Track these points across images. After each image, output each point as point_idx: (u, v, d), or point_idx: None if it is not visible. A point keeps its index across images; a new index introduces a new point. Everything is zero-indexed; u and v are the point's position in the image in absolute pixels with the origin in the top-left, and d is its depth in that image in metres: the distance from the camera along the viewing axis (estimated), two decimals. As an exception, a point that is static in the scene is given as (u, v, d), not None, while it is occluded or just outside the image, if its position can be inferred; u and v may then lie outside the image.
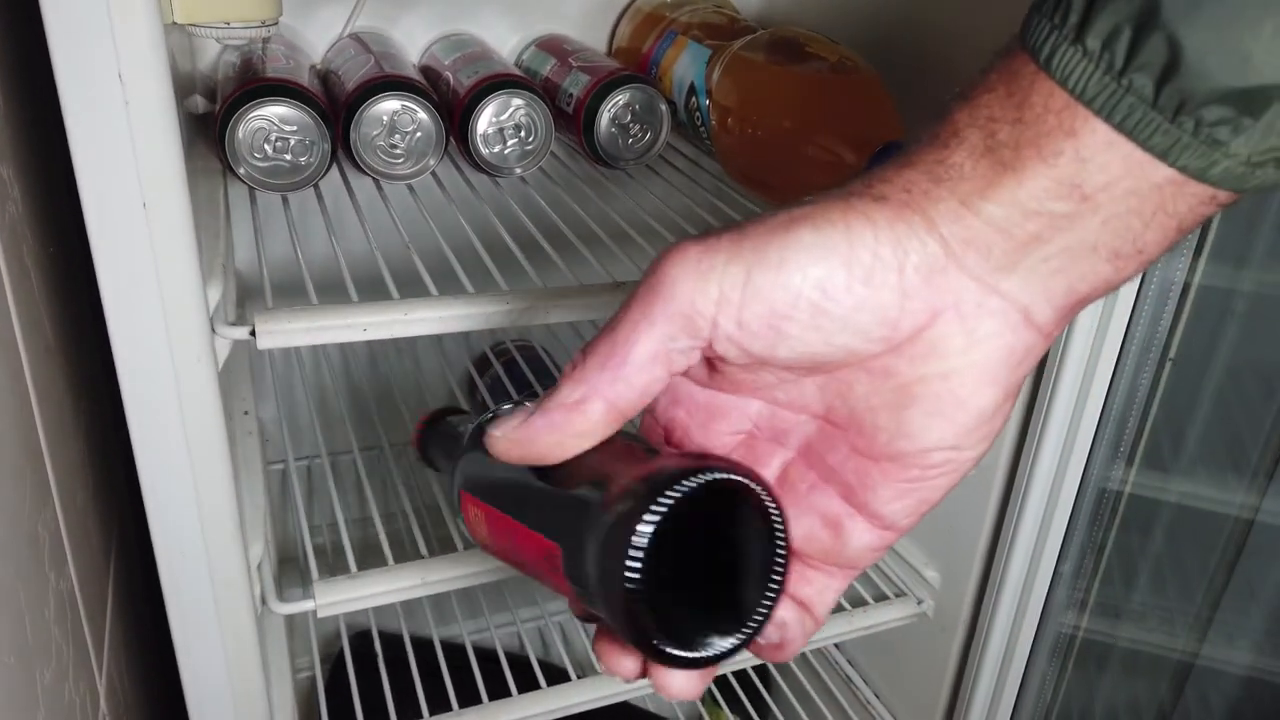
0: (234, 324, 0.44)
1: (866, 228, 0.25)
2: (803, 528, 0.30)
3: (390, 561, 0.56)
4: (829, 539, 0.30)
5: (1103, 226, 0.25)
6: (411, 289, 0.51)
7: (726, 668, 0.69)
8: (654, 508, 0.24)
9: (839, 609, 0.72)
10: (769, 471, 0.31)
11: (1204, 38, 0.22)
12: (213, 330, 0.43)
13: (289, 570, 0.83)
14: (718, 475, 0.25)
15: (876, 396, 0.28)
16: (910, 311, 0.26)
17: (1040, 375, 0.58)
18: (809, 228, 0.25)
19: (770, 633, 0.30)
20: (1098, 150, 0.24)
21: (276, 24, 0.49)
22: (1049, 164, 0.24)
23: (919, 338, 0.26)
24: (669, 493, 0.24)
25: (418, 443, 0.42)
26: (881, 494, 0.29)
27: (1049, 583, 0.65)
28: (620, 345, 0.26)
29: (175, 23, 0.44)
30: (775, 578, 0.27)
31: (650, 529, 0.24)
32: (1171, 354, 0.57)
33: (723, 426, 0.31)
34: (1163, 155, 0.24)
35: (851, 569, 0.31)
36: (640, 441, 0.29)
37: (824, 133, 0.57)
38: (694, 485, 0.25)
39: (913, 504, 0.29)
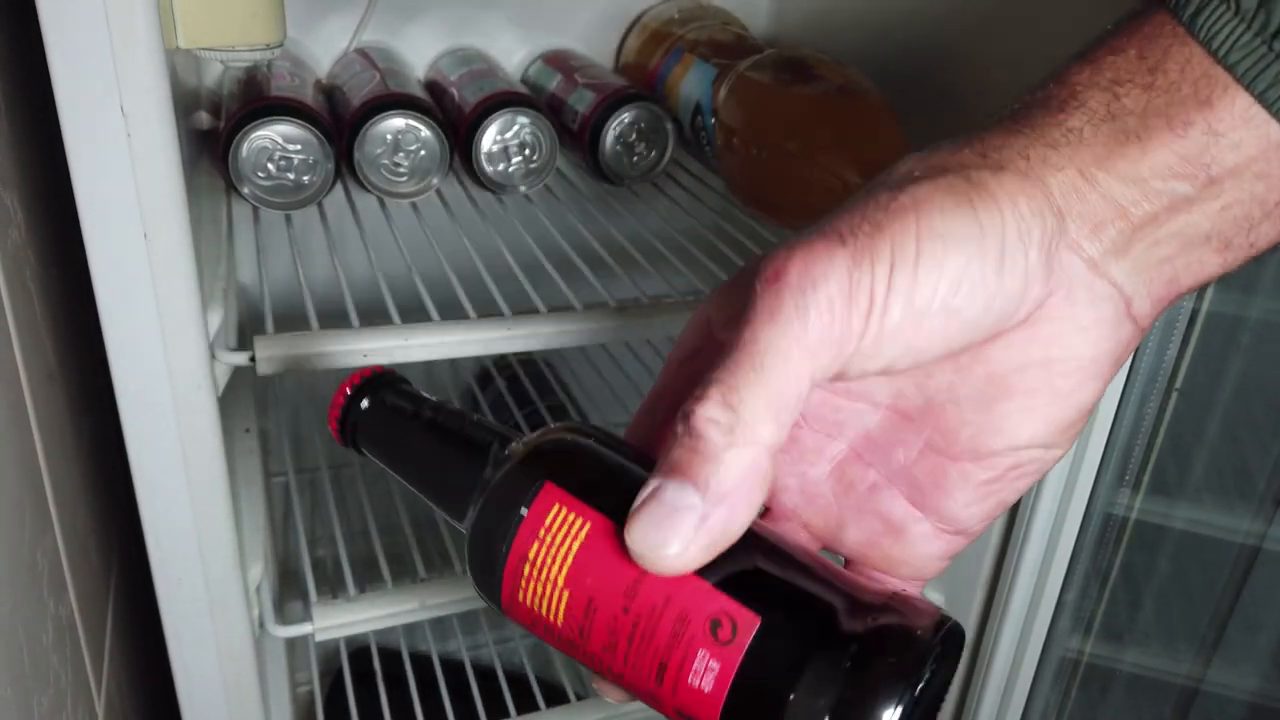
0: (234, 349, 0.44)
1: (992, 206, 0.22)
2: (861, 533, 0.26)
3: (389, 583, 0.55)
4: (892, 546, 0.26)
5: (1221, 213, 0.23)
6: (413, 309, 0.51)
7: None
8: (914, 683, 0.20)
9: None
10: (818, 470, 0.27)
11: None
12: (213, 356, 0.43)
13: (291, 584, 0.83)
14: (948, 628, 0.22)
15: (963, 386, 0.24)
16: (1029, 298, 0.23)
17: (1045, 402, 0.58)
18: (936, 212, 0.22)
19: None
20: (1234, 125, 0.22)
21: (281, 46, 0.49)
22: (1179, 136, 0.22)
23: (1025, 323, 0.23)
24: (923, 667, 0.20)
25: (342, 421, 0.31)
26: (958, 497, 0.25)
27: (1054, 607, 0.64)
28: (776, 393, 0.21)
29: (180, 47, 0.44)
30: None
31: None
32: (1178, 384, 0.56)
33: None
34: None
35: (917, 580, 0.27)
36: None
37: (829, 154, 0.57)
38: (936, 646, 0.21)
39: (990, 507, 0.25)
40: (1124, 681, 0.69)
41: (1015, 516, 0.63)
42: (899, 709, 0.20)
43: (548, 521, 0.24)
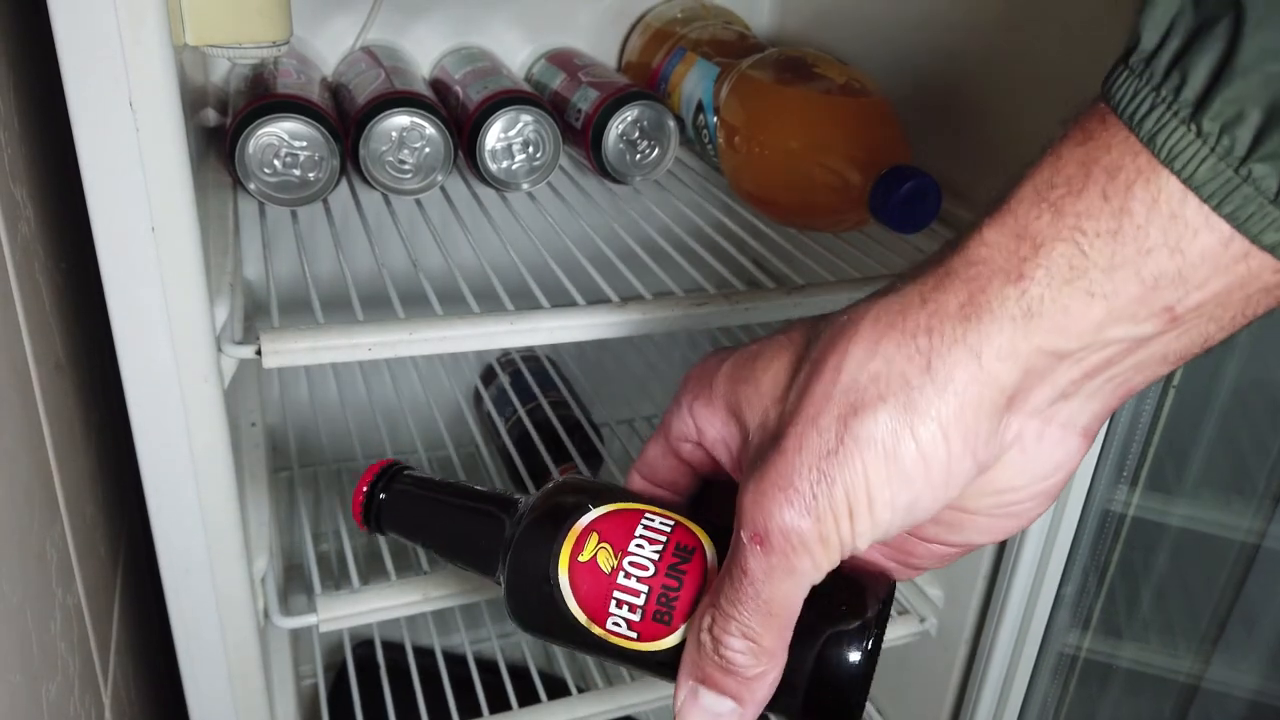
0: (240, 343, 0.44)
1: (937, 434, 0.24)
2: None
3: (392, 575, 0.56)
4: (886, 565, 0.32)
5: (1178, 339, 0.23)
6: (417, 304, 0.51)
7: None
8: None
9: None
10: None
11: None
12: (219, 349, 0.43)
13: (295, 576, 0.84)
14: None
15: (929, 526, 0.28)
16: (982, 471, 0.26)
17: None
18: (881, 457, 0.25)
19: None
20: (1204, 262, 0.21)
21: (288, 43, 0.50)
22: (1148, 289, 0.22)
23: (979, 479, 0.26)
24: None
25: (365, 509, 0.36)
26: (924, 558, 0.31)
27: (1052, 603, 0.65)
28: (784, 625, 0.27)
29: (188, 44, 0.45)
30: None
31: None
32: (1174, 382, 0.56)
33: None
34: (1273, 249, 0.21)
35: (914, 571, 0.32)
36: None
37: (830, 154, 0.57)
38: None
39: (959, 553, 0.31)
40: (1122, 678, 0.69)
41: (1014, 513, 0.63)
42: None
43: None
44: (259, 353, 0.44)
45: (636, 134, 0.68)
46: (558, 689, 0.67)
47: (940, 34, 0.65)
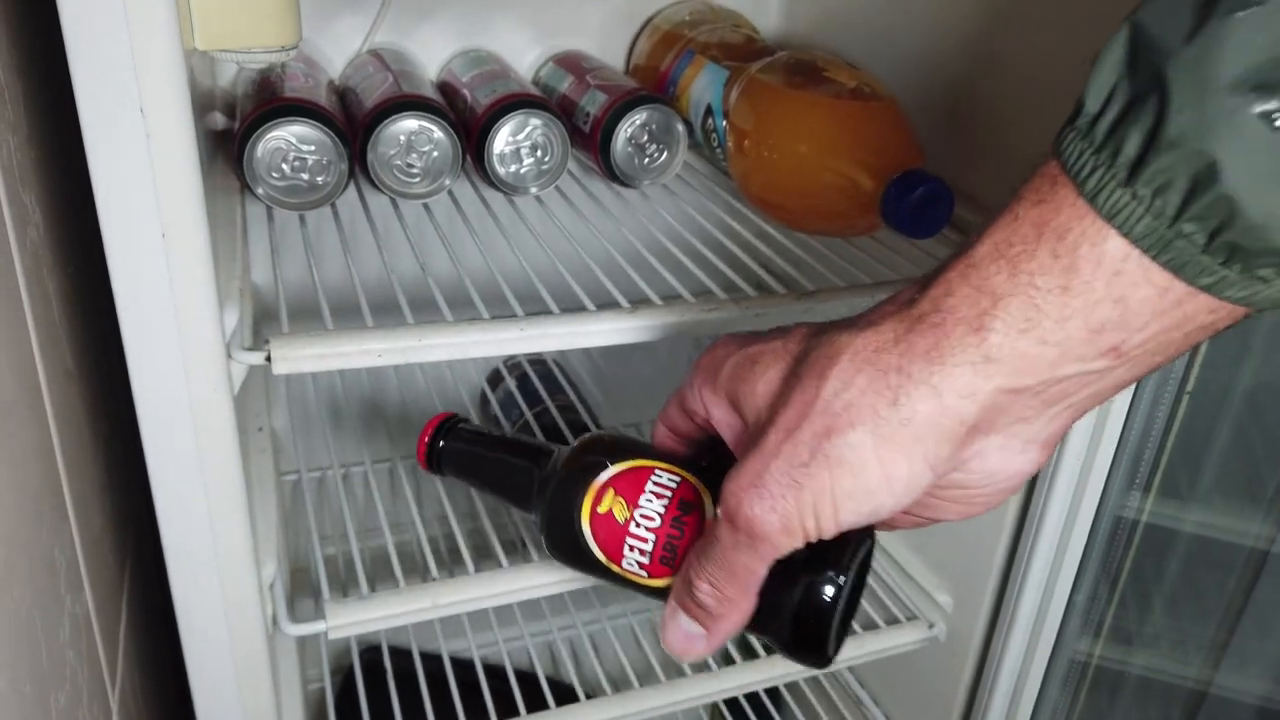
0: (250, 349, 0.44)
1: (899, 457, 0.28)
2: None
3: (401, 582, 0.56)
4: None
5: (1128, 370, 0.26)
6: (425, 309, 0.51)
7: (734, 691, 0.69)
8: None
9: (851, 631, 0.72)
10: None
11: (1261, 204, 0.22)
12: (229, 355, 0.43)
13: (301, 581, 0.84)
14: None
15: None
16: (940, 479, 0.29)
17: (1056, 404, 0.58)
18: (847, 474, 0.28)
19: None
20: (1144, 309, 0.24)
21: (296, 48, 0.49)
22: (1095, 334, 0.25)
23: (943, 481, 0.30)
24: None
25: (429, 454, 0.45)
26: (899, 522, 0.35)
27: (1063, 610, 0.64)
28: (750, 585, 0.32)
29: (197, 49, 0.45)
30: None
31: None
32: (1189, 388, 0.56)
33: None
34: (1208, 289, 0.24)
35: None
36: None
37: (840, 158, 0.57)
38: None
39: (928, 523, 0.34)
40: (1133, 684, 0.69)
41: (1025, 519, 0.63)
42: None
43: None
44: (269, 359, 0.44)
45: (645, 137, 0.68)
46: (565, 697, 0.67)
47: (949, 36, 0.64)
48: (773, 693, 0.91)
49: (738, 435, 0.34)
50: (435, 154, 0.62)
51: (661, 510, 0.37)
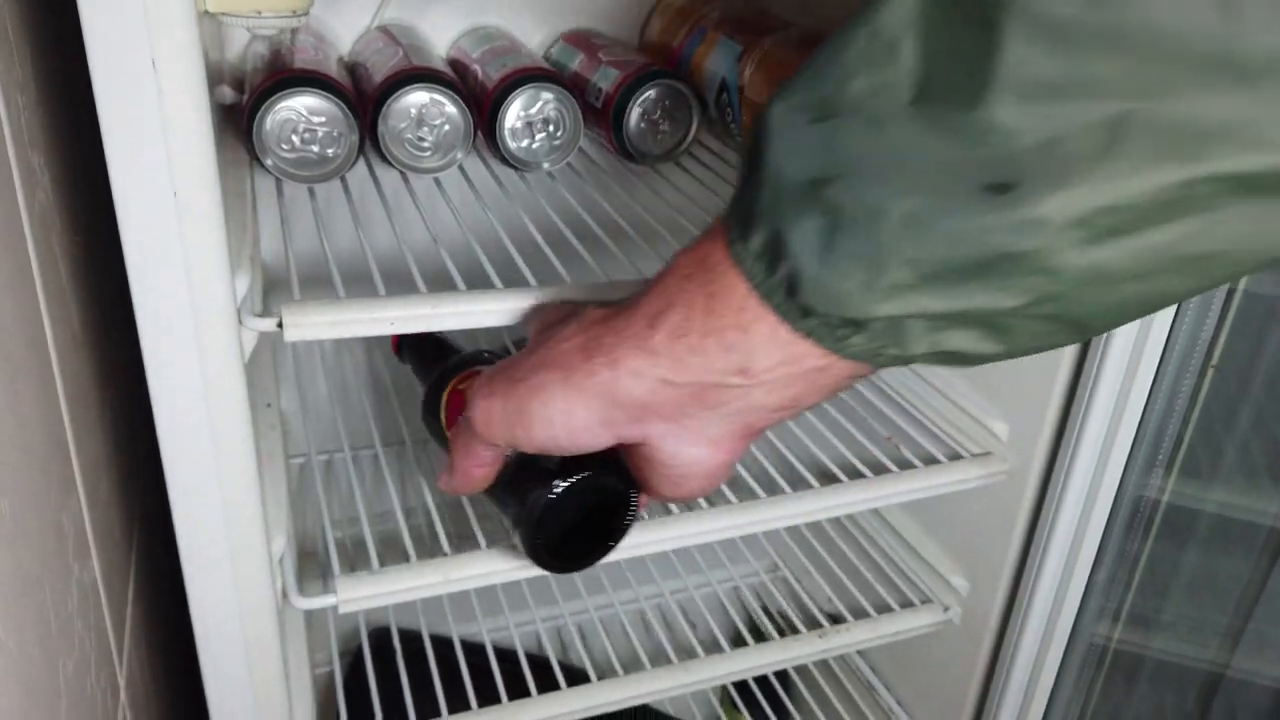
0: (261, 315, 0.43)
1: (578, 405, 0.35)
2: None
3: (413, 558, 0.55)
4: None
5: (768, 394, 0.32)
6: (436, 282, 0.50)
7: (744, 674, 0.68)
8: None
9: (863, 614, 0.71)
10: None
11: (815, 277, 0.28)
12: (240, 321, 0.42)
13: (308, 564, 0.83)
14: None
15: (643, 457, 0.38)
16: (618, 439, 0.37)
17: (1078, 381, 0.57)
18: (540, 404, 0.36)
19: None
20: (761, 341, 0.31)
21: (307, 14, 0.49)
22: (727, 350, 0.31)
23: (645, 450, 0.37)
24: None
25: (400, 341, 0.65)
26: None
27: (1082, 592, 0.63)
28: (475, 463, 0.42)
29: (208, 12, 0.44)
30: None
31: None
32: (1214, 361, 0.55)
33: None
34: (805, 336, 0.30)
35: None
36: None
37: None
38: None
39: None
40: (1151, 667, 0.68)
41: (1044, 500, 0.62)
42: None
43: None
44: (280, 325, 0.43)
45: (658, 114, 0.67)
46: (577, 678, 0.66)
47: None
48: (782, 676, 0.90)
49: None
50: (446, 128, 0.61)
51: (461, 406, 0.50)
